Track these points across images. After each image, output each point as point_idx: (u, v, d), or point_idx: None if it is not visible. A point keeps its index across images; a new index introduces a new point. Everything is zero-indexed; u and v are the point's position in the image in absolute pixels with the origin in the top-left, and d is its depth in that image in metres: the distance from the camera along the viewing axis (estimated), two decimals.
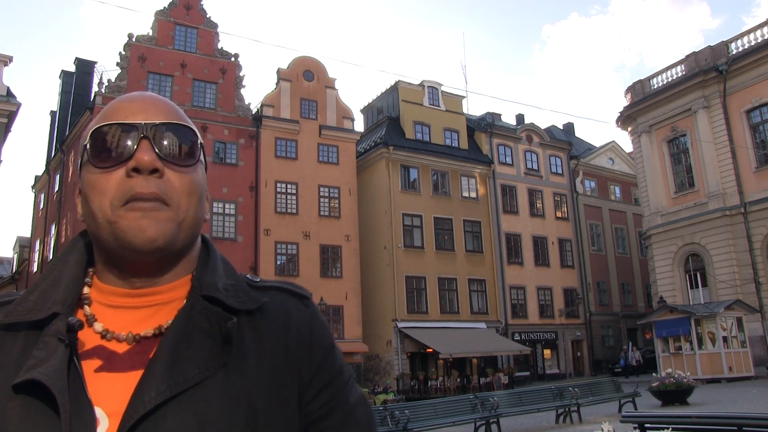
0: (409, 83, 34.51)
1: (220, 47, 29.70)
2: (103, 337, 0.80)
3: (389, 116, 34.62)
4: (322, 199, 30.17)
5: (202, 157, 0.87)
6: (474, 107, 75.22)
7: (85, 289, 0.85)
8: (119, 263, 0.82)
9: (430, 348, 28.40)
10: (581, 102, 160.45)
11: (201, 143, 0.86)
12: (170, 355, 0.76)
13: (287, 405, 0.81)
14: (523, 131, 37.95)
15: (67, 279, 0.84)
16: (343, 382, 0.88)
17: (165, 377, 0.73)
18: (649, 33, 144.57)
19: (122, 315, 0.82)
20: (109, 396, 0.75)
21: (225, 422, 0.74)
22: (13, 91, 18.68)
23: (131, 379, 0.75)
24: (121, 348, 0.79)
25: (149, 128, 0.80)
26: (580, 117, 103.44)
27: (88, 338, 0.80)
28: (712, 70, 28.00)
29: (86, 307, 0.83)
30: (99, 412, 0.73)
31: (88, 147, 0.81)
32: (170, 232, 0.79)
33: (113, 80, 26.83)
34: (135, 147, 0.79)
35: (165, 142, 0.81)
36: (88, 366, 0.77)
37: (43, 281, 0.85)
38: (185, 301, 0.83)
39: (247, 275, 0.92)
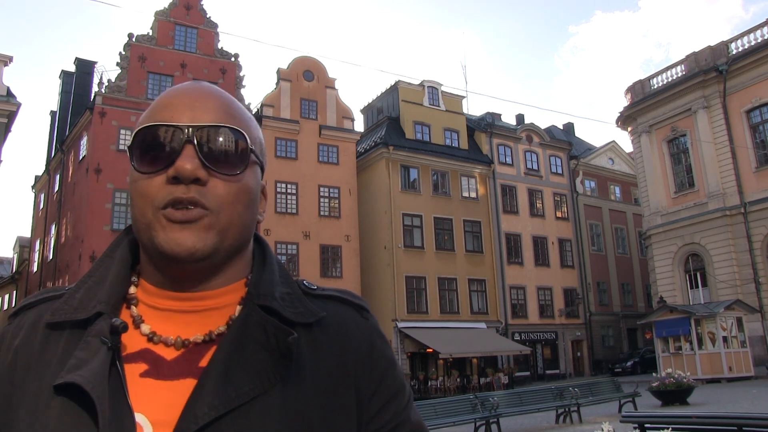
0: (409, 83, 34.50)
1: (220, 47, 29.70)
2: (149, 339, 0.76)
3: (389, 116, 34.62)
4: (322, 199, 30.17)
5: (255, 158, 0.80)
6: (474, 107, 75.30)
7: (132, 289, 0.81)
8: (163, 266, 0.77)
9: (430, 348, 28.40)
10: (600, 101, 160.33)
11: (251, 148, 0.79)
12: (224, 367, 0.71)
13: (344, 423, 0.75)
14: (523, 131, 37.94)
15: (113, 277, 0.80)
16: (406, 400, 0.83)
17: (218, 391, 0.69)
18: (677, 26, 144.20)
19: (169, 318, 0.78)
20: (154, 403, 0.71)
21: None
22: (13, 91, 18.69)
23: (179, 387, 0.72)
24: (169, 354, 0.75)
25: (194, 131, 0.74)
26: (580, 117, 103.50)
27: (133, 340, 0.76)
28: (712, 70, 28.00)
29: (133, 307, 0.79)
30: (142, 419, 0.70)
31: (131, 150, 0.76)
32: (211, 242, 0.74)
33: (113, 80, 26.82)
34: (178, 152, 0.73)
35: (211, 147, 0.74)
36: (133, 370, 0.74)
37: (90, 278, 0.81)
38: (240, 308, 0.78)
39: (304, 281, 0.86)
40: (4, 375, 0.76)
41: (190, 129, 0.74)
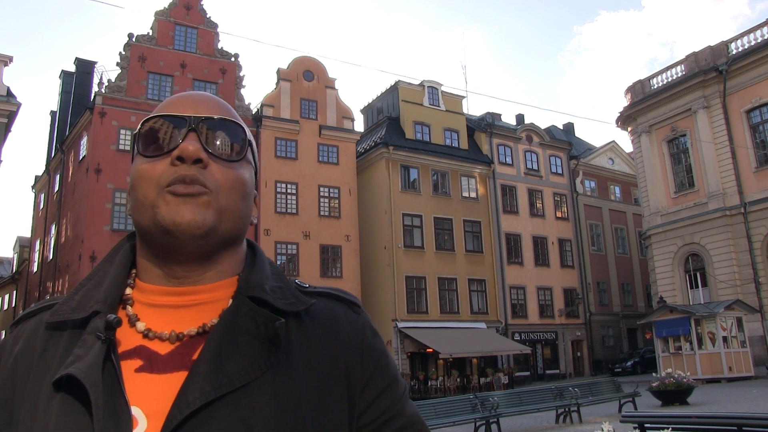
0: (409, 83, 34.49)
1: (220, 47, 29.69)
2: (145, 336, 0.79)
3: (389, 116, 34.61)
4: (322, 199, 30.16)
5: (250, 157, 0.86)
6: (474, 107, 75.30)
7: (127, 290, 0.84)
8: (161, 255, 0.81)
9: (430, 348, 28.39)
10: (604, 101, 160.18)
11: (250, 141, 0.86)
12: (215, 355, 0.74)
13: (335, 412, 0.78)
14: (523, 131, 37.93)
15: (111, 279, 0.84)
16: (400, 393, 0.85)
17: (210, 378, 0.71)
18: (682, 25, 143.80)
19: (164, 314, 0.81)
20: (148, 396, 0.73)
21: (272, 426, 0.71)
22: (13, 91, 18.68)
23: (173, 380, 0.74)
24: (164, 348, 0.78)
25: (197, 121, 0.81)
26: (580, 117, 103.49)
27: (130, 338, 0.79)
28: (712, 70, 27.99)
29: (128, 307, 0.82)
30: (137, 412, 0.72)
31: (137, 137, 0.82)
32: (210, 219, 0.78)
33: (113, 80, 26.81)
34: (182, 138, 0.79)
35: (212, 136, 0.81)
36: (129, 366, 0.76)
37: (89, 281, 0.85)
38: (230, 301, 0.81)
39: (296, 281, 0.90)
40: (6, 380, 0.79)
41: (194, 119, 0.81)
